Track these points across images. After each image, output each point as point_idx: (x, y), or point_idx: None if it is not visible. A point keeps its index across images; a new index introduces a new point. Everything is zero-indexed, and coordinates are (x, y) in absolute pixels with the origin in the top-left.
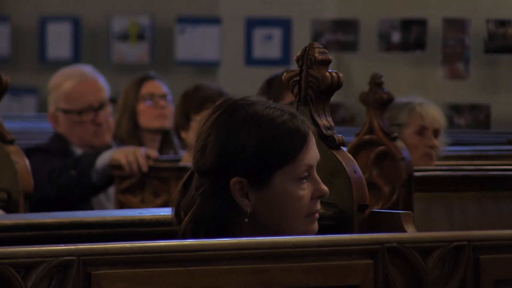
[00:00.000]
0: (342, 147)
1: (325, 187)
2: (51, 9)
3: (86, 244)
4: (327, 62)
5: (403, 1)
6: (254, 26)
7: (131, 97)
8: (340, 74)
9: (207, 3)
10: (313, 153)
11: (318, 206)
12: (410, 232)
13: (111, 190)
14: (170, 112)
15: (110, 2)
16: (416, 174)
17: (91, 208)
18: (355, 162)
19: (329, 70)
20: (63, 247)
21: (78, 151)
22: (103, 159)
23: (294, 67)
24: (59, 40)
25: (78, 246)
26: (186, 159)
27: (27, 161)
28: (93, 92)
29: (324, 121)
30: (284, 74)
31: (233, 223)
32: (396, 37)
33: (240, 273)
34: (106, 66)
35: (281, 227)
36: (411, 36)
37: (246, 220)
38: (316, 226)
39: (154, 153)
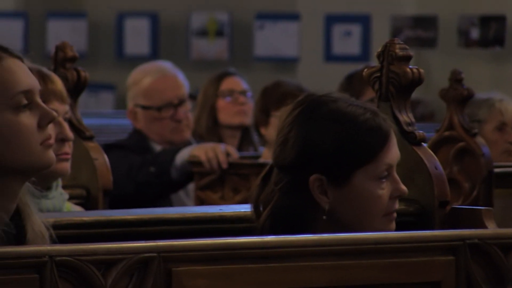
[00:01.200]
0: (423, 143)
1: (404, 187)
2: (128, 5)
3: (167, 240)
4: (408, 58)
5: None
6: (333, 22)
7: (210, 94)
8: (421, 70)
9: (286, 0)
10: (393, 153)
11: (396, 205)
12: (492, 228)
13: (191, 186)
14: (249, 109)
15: None
16: (496, 170)
17: (170, 204)
18: (436, 158)
19: (410, 66)
20: (144, 244)
21: (157, 147)
22: (182, 156)
23: (374, 63)
24: (137, 36)
25: (158, 243)
26: (266, 155)
27: (106, 158)
28: (172, 88)
29: (405, 117)
30: (365, 70)
31: (311, 219)
32: (475, 33)
33: (321, 270)
34: (185, 63)
35: (359, 225)
36: (490, 32)
37: (324, 217)
38: (393, 225)
39: (234, 153)
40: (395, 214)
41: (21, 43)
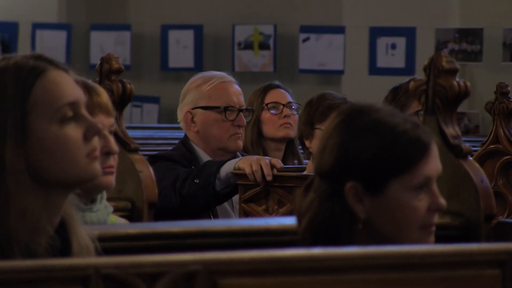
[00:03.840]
0: (469, 156)
1: (442, 201)
2: (173, 17)
3: (212, 253)
4: (454, 71)
5: None
6: (378, 35)
7: (255, 106)
8: (468, 83)
9: (331, 12)
10: (433, 165)
11: (435, 219)
12: None
13: (235, 198)
14: (294, 121)
15: (234, 10)
16: None
17: (215, 217)
18: (482, 171)
19: (456, 79)
20: (189, 256)
21: (204, 159)
22: (227, 168)
23: (418, 76)
24: (181, 48)
25: (204, 255)
26: (310, 168)
27: (151, 170)
28: (236, 94)
29: (451, 130)
30: (411, 83)
31: (347, 228)
32: None
33: (367, 283)
34: (230, 75)
35: (395, 236)
36: None
37: (360, 226)
38: (432, 238)
39: (278, 163)
40: (433, 228)
41: (65, 55)
